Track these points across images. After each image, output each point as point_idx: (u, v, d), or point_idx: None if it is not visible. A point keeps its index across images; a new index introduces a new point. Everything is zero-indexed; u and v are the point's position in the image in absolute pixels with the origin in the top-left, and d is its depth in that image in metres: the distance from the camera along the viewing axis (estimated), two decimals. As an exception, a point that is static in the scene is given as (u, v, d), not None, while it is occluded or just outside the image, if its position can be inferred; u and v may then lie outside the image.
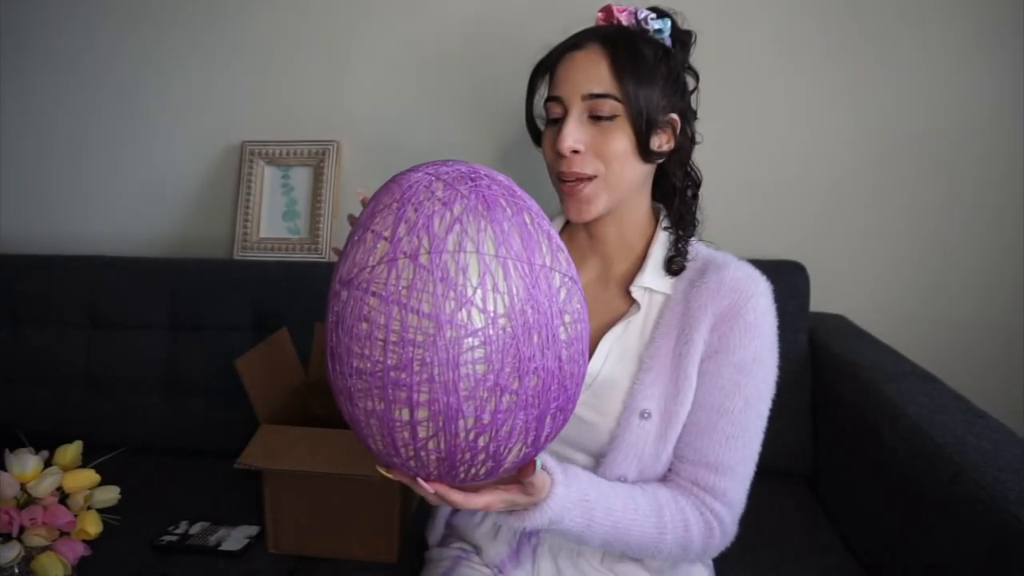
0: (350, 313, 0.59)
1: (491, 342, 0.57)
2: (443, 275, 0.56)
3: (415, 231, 0.58)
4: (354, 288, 0.59)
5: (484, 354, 0.57)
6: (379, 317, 0.57)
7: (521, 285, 0.58)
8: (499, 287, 0.57)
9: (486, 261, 0.57)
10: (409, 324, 0.56)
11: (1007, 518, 0.76)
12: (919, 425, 0.97)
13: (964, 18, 1.36)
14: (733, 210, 1.46)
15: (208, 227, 1.63)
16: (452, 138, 1.50)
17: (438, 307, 0.56)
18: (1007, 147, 1.39)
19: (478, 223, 0.58)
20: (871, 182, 1.43)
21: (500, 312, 0.57)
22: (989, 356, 1.44)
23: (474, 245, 0.57)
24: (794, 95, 1.42)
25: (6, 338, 1.51)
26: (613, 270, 0.92)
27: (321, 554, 1.11)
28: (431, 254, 0.57)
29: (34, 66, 1.63)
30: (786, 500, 1.25)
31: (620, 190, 0.85)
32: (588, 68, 0.82)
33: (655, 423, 0.83)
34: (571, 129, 0.82)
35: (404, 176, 0.63)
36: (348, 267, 0.60)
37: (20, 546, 0.85)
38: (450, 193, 0.60)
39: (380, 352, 0.57)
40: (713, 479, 0.82)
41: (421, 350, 0.56)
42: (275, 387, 1.17)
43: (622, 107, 0.81)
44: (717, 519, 0.82)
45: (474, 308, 0.57)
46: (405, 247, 0.57)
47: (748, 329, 0.83)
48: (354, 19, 1.52)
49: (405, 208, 0.59)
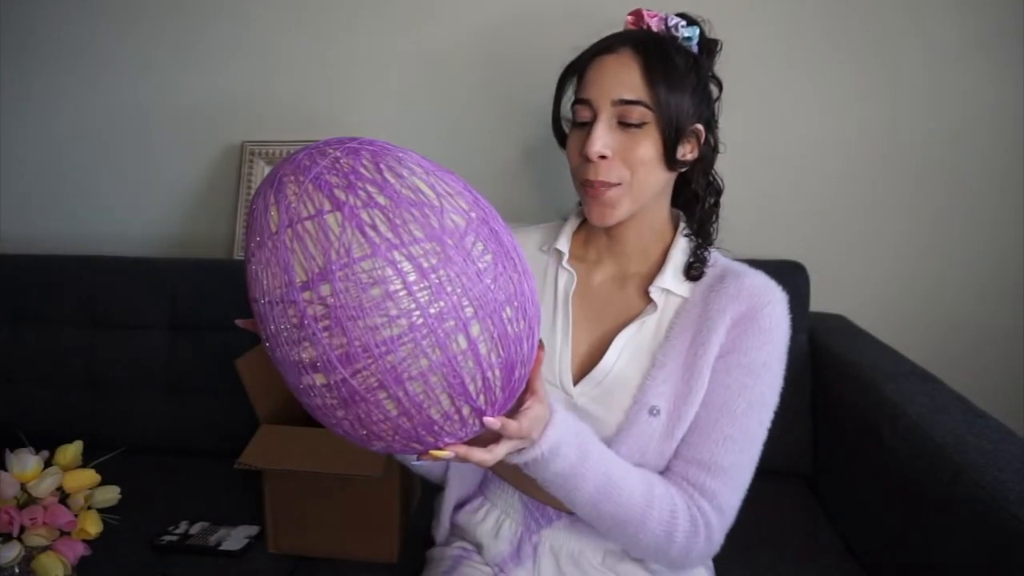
0: (348, 295, 0.54)
1: (481, 231, 0.59)
2: (410, 202, 0.56)
3: (353, 187, 0.56)
4: (333, 273, 0.54)
5: (484, 245, 0.59)
6: (384, 271, 0.54)
7: (459, 186, 0.61)
8: (449, 191, 0.59)
9: (426, 177, 0.59)
10: (416, 254, 0.55)
11: (1007, 518, 0.76)
12: (919, 425, 0.97)
13: (966, 21, 1.36)
14: (733, 210, 1.44)
15: (208, 227, 1.63)
16: (453, 138, 1.51)
17: (426, 227, 0.56)
18: (1008, 148, 1.39)
19: (395, 157, 0.59)
20: (871, 182, 1.43)
21: (467, 207, 0.60)
22: (989, 356, 1.45)
23: (408, 170, 0.58)
24: (795, 96, 1.42)
25: (6, 338, 1.51)
26: (630, 271, 0.92)
27: (321, 554, 1.11)
28: (385, 192, 0.56)
29: (34, 66, 1.63)
30: (786, 500, 1.25)
31: (643, 197, 0.85)
32: (620, 73, 0.82)
33: (663, 421, 0.83)
34: (600, 133, 0.81)
35: (281, 168, 0.60)
36: (305, 266, 0.55)
37: (20, 546, 0.85)
38: (348, 152, 0.59)
39: (407, 300, 0.54)
40: (704, 478, 0.81)
41: (441, 271, 0.55)
42: (275, 387, 1.17)
43: (652, 114, 0.81)
44: (704, 519, 0.80)
45: (450, 214, 0.58)
46: (355, 202, 0.56)
47: (762, 333, 0.83)
48: (354, 19, 1.52)
49: (322, 178, 0.57)
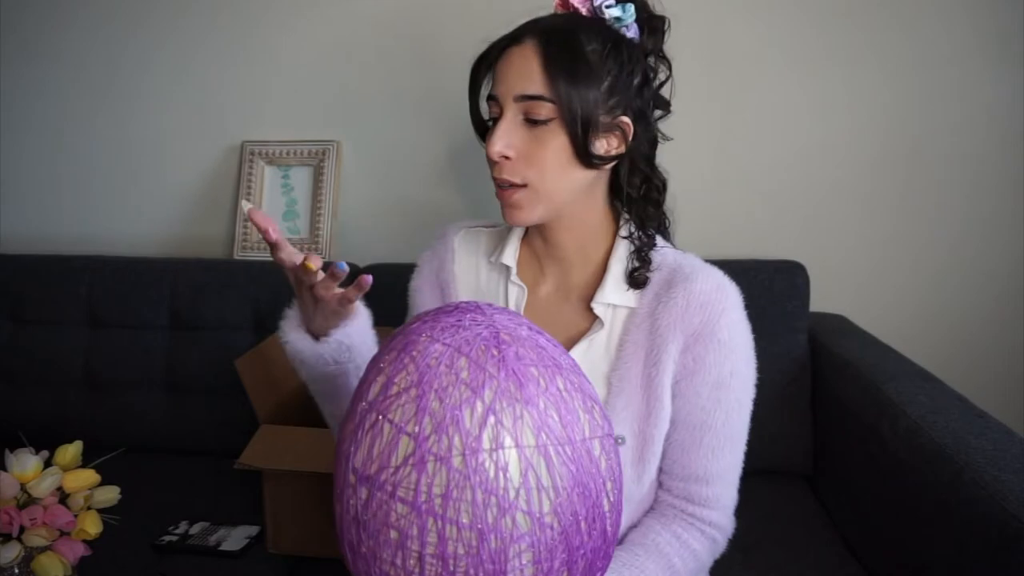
0: (374, 516, 0.52)
1: (539, 543, 0.52)
2: (481, 480, 0.50)
3: (443, 428, 0.51)
4: (376, 488, 0.52)
5: (532, 556, 0.52)
6: (411, 528, 0.51)
7: (565, 472, 0.53)
8: (543, 482, 0.52)
9: (527, 455, 0.51)
10: (447, 536, 0.51)
11: (1007, 518, 0.76)
12: (919, 425, 0.97)
13: (963, 19, 1.36)
14: (734, 210, 1.46)
15: (208, 227, 1.63)
16: (454, 138, 1.51)
17: (479, 517, 0.50)
18: (1007, 148, 1.39)
19: (513, 410, 0.52)
20: (871, 182, 1.43)
21: (546, 510, 0.52)
22: (989, 356, 1.44)
23: (512, 439, 0.51)
24: (795, 96, 1.42)
25: (6, 338, 1.51)
26: (572, 280, 0.86)
27: (321, 554, 1.11)
28: (465, 456, 0.50)
29: (35, 67, 1.63)
30: (786, 500, 1.25)
31: (558, 199, 0.78)
32: (521, 66, 0.75)
33: (631, 447, 0.81)
34: (501, 133, 0.76)
35: (416, 344, 0.56)
36: (364, 459, 0.53)
37: (20, 546, 0.85)
38: (477, 374, 0.53)
39: (416, 564, 0.52)
40: (706, 490, 0.81)
41: (463, 563, 0.51)
42: (275, 387, 1.17)
43: (556, 109, 0.74)
44: (717, 528, 0.82)
45: (519, 512, 0.51)
46: (433, 447, 0.51)
47: (722, 347, 0.79)
48: (355, 19, 1.52)
49: (427, 396, 0.52)
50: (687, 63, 1.42)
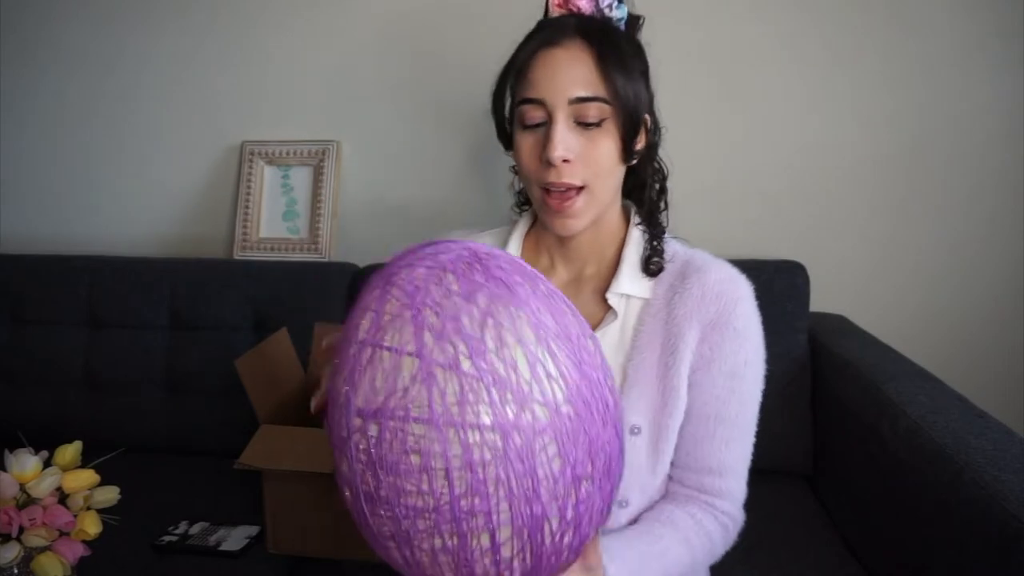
0: (389, 448, 0.51)
1: (561, 433, 0.52)
2: (494, 378, 0.51)
3: (445, 337, 0.51)
4: (387, 419, 0.51)
5: (557, 449, 0.52)
6: (432, 445, 0.50)
7: (570, 364, 0.54)
8: (552, 373, 0.52)
9: (531, 349, 0.52)
10: (471, 442, 0.50)
11: (1007, 518, 0.76)
12: (919, 425, 0.96)
13: (964, 19, 1.36)
14: (734, 210, 1.46)
15: (208, 227, 1.63)
16: (454, 138, 1.51)
17: (499, 415, 0.50)
18: (1007, 148, 1.39)
19: (509, 311, 0.53)
20: (871, 182, 1.43)
21: (561, 400, 0.52)
22: (989, 356, 1.44)
23: (514, 336, 0.52)
24: (795, 96, 1.42)
25: (6, 338, 1.51)
26: (586, 272, 0.86)
27: (321, 554, 1.11)
28: (473, 358, 0.51)
29: (35, 67, 1.63)
30: (786, 500, 1.25)
31: (606, 199, 0.80)
32: (573, 68, 0.75)
33: (645, 438, 0.81)
34: (562, 136, 0.75)
35: (398, 274, 0.56)
36: (367, 396, 0.52)
37: (20, 546, 0.85)
38: (467, 285, 0.54)
39: (443, 483, 0.51)
40: (719, 483, 0.82)
41: (492, 467, 0.50)
42: (275, 387, 1.17)
43: (610, 109, 0.76)
44: (729, 517, 0.83)
45: (536, 404, 0.51)
46: (439, 357, 0.51)
47: (737, 336, 0.80)
48: (355, 19, 1.52)
49: (422, 313, 0.52)
50: (688, 63, 1.43)
